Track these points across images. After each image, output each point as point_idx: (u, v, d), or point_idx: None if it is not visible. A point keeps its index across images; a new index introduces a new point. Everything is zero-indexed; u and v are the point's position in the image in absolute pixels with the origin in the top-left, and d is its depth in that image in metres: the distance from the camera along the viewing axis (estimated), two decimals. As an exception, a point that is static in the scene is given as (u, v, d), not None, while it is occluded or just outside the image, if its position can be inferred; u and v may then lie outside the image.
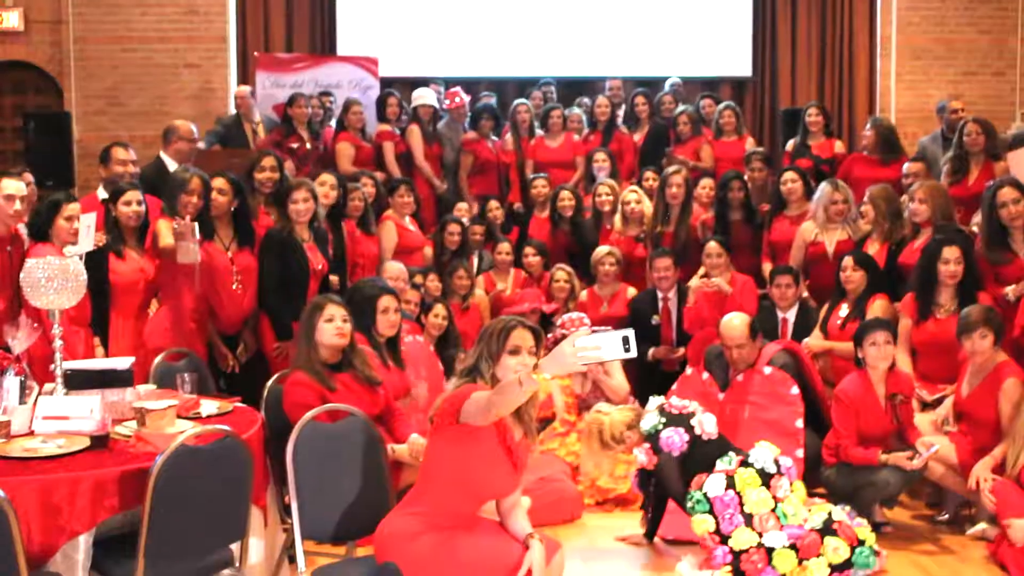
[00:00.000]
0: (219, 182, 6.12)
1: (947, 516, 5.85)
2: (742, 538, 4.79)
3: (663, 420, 5.15)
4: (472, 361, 3.90)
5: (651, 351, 7.07)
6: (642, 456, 5.16)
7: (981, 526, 5.46)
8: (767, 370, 5.95)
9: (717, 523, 4.87)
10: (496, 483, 3.84)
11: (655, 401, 5.32)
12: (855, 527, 4.90)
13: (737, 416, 5.87)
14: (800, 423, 5.75)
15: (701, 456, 5.08)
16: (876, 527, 5.37)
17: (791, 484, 5.01)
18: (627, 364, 6.67)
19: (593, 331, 3.50)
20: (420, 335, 6.50)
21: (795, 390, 5.83)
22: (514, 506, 3.93)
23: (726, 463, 4.98)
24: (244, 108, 9.73)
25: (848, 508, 5.12)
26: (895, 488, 5.51)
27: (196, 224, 5.76)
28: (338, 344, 4.83)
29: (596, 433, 5.29)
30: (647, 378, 6.91)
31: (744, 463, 4.99)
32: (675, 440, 5.06)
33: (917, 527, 5.81)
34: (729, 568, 4.77)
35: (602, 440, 5.27)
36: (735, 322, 6.15)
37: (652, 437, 5.13)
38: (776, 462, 5.00)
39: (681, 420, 5.14)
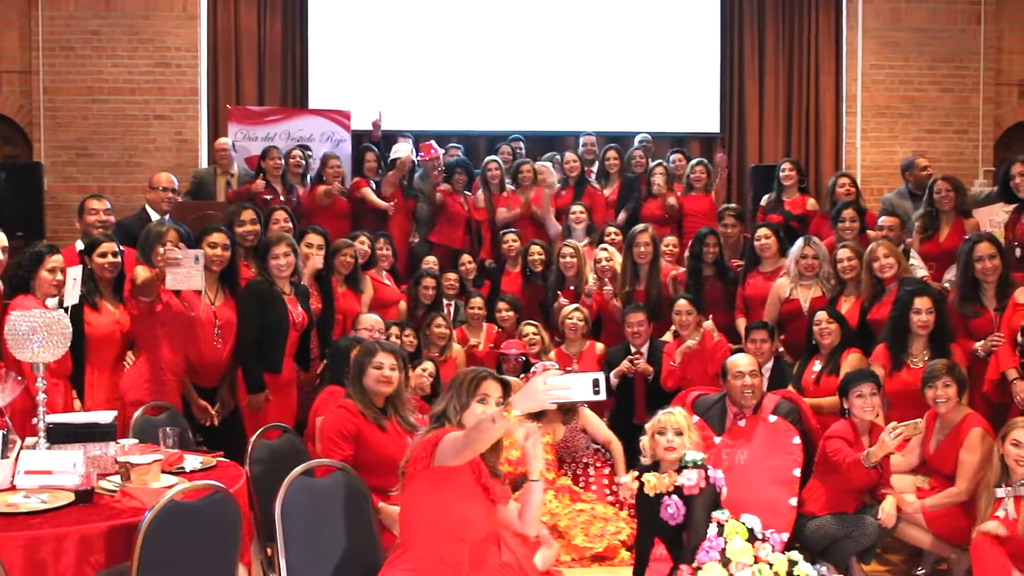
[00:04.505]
0: (218, 236, 6.09)
1: (923, 572, 5.87)
2: (711, 571, 4.80)
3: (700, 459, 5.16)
4: (441, 408, 3.99)
5: (612, 373, 7.16)
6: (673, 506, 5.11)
7: (958, 582, 5.51)
8: (772, 419, 5.98)
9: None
10: (476, 521, 3.89)
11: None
12: None
13: (733, 460, 5.89)
14: (798, 472, 5.77)
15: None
16: (855, 583, 5.40)
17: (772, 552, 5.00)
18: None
19: (566, 371, 3.57)
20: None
21: (797, 440, 5.86)
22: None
23: (719, 514, 4.99)
24: (223, 160, 9.71)
25: (824, 568, 5.13)
26: (871, 540, 5.53)
27: (201, 251, 5.73)
28: (382, 391, 4.96)
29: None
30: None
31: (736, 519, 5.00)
32: (692, 479, 5.06)
33: (895, 583, 5.85)
34: None
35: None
36: (742, 358, 6.21)
37: (683, 466, 5.11)
38: (763, 532, 5.01)
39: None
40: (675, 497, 5.04)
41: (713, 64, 12.34)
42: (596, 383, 3.51)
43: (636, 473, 5.23)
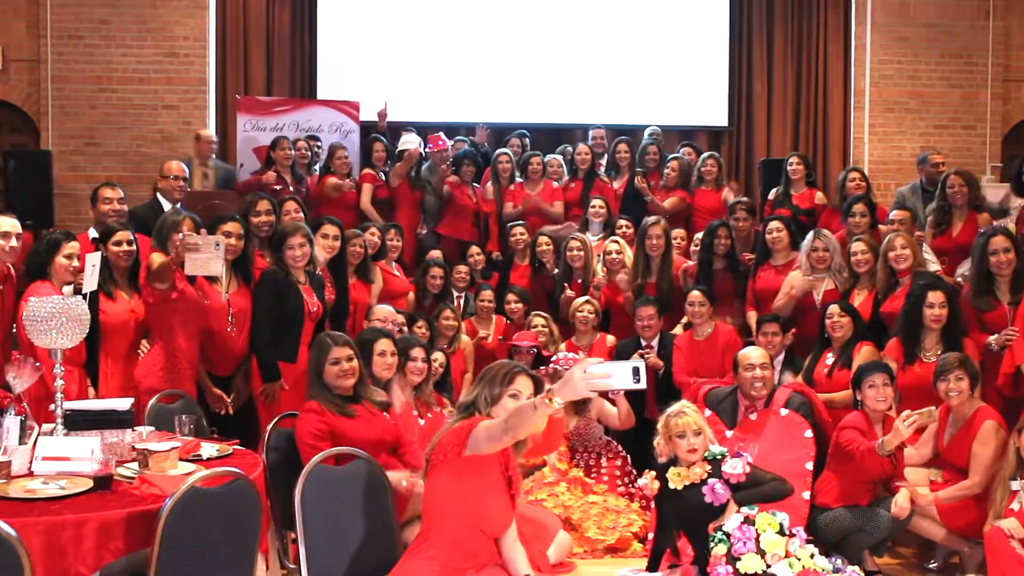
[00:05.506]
0: (233, 226, 6.10)
1: (936, 564, 5.87)
2: (751, 563, 4.76)
3: (725, 451, 5.15)
4: (471, 399, 3.96)
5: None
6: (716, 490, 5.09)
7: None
8: (783, 412, 5.97)
9: (730, 548, 4.85)
10: (498, 515, 3.89)
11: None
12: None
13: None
14: (810, 465, 5.75)
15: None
16: (868, 575, 5.38)
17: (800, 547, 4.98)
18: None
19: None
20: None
21: (809, 433, 5.84)
22: (513, 543, 3.97)
23: (747, 508, 4.97)
24: (204, 151, 9.67)
25: (839, 560, 5.11)
26: (884, 533, 5.54)
27: (221, 238, 5.75)
28: (343, 385, 4.92)
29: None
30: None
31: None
32: (738, 468, 5.05)
33: (907, 576, 5.84)
34: None
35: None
36: (753, 351, 6.19)
37: (715, 462, 5.10)
38: (791, 529, 4.98)
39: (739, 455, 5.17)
40: (715, 480, 5.02)
41: (722, 58, 12.33)
42: (636, 371, 3.49)
43: (654, 473, 5.20)
